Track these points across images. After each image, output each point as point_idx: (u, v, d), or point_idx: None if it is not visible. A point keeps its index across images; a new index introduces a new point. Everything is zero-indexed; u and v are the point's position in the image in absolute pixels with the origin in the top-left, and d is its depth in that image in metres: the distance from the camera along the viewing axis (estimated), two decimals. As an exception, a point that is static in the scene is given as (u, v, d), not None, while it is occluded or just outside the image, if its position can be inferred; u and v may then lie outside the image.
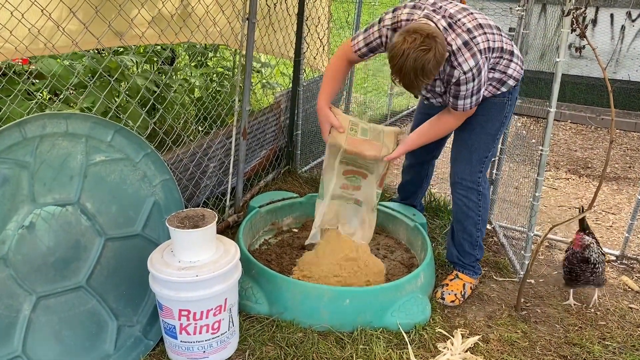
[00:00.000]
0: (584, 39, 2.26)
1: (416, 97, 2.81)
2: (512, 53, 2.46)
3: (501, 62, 2.44)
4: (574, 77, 6.21)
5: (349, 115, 2.73)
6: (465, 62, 2.28)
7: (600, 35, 5.99)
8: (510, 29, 5.41)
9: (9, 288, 1.92)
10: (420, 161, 3.09)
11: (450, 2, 2.42)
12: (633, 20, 5.84)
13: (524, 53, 3.14)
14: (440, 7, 2.36)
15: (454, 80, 2.33)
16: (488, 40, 2.33)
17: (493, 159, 3.36)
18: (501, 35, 2.43)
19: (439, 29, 2.26)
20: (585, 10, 2.36)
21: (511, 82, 2.51)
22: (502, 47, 2.40)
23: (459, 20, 2.31)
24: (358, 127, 2.63)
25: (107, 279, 2.21)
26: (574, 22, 2.28)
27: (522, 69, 2.53)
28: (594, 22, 6.03)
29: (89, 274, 2.15)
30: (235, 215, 3.17)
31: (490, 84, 2.49)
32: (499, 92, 2.53)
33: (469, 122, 2.58)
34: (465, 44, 2.27)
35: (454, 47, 2.27)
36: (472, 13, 2.38)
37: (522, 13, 2.98)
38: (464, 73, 2.29)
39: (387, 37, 2.47)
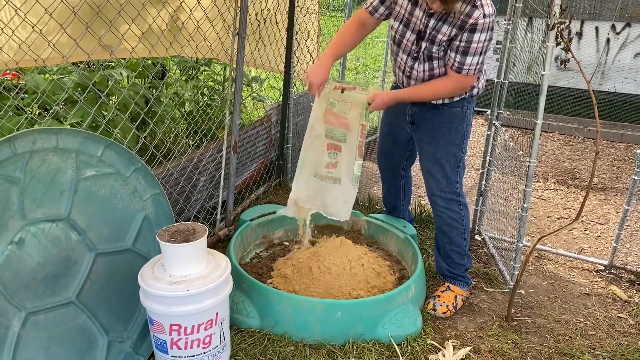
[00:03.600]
0: (569, 52, 2.30)
1: (451, 7, 2.29)
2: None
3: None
4: (562, 89, 6.29)
5: (331, 83, 2.70)
6: (487, 5, 2.27)
7: (586, 47, 6.09)
8: (498, 42, 5.47)
9: (-2, 305, 1.91)
10: (391, 173, 3.08)
11: None
12: (617, 33, 5.95)
13: (510, 65, 3.19)
14: None
15: (470, 22, 2.26)
16: None
17: (482, 171, 3.39)
18: None
19: None
20: (569, 25, 2.41)
21: (474, 92, 2.59)
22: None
23: None
24: (333, 97, 2.67)
25: (98, 294, 2.19)
26: (559, 35, 2.32)
27: (485, 83, 2.63)
28: (580, 35, 6.13)
29: (79, 290, 2.13)
30: (226, 229, 3.17)
31: (458, 95, 2.56)
32: (465, 96, 2.57)
33: (433, 137, 2.63)
34: None
35: None
36: None
37: (509, 27, 3.03)
38: (484, 16, 2.25)
39: None
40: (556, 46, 2.34)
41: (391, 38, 2.60)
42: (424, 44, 2.45)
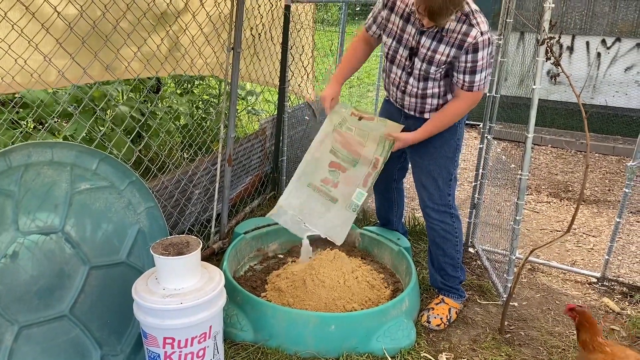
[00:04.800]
0: (559, 67, 2.34)
1: (440, 23, 2.30)
2: None
3: None
4: (554, 103, 6.36)
5: (348, 108, 2.78)
6: (482, 23, 2.31)
7: (577, 62, 6.17)
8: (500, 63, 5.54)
9: (-9, 318, 1.91)
10: (383, 186, 3.09)
11: None
12: (608, 48, 6.03)
13: (502, 80, 3.23)
14: None
15: (470, 41, 2.30)
16: None
17: (475, 184, 3.42)
18: None
19: None
20: (559, 40, 2.45)
21: None
22: None
23: None
24: (350, 123, 2.72)
25: (91, 308, 2.19)
26: (549, 50, 2.36)
27: None
28: (571, 49, 6.21)
29: (73, 303, 2.13)
30: (220, 242, 3.18)
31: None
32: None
33: (425, 150, 2.65)
34: (477, 11, 2.33)
35: (469, 8, 2.31)
36: None
37: (500, 42, 3.08)
38: (482, 34, 2.29)
39: None
40: (546, 61, 2.38)
41: (384, 55, 2.63)
42: (419, 63, 2.46)
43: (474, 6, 2.34)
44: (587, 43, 6.12)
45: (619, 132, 6.10)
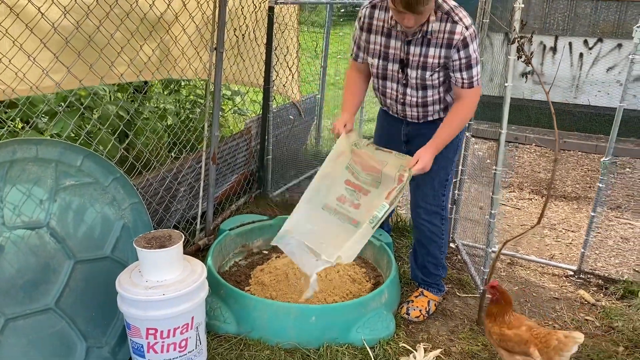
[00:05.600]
0: (530, 65, 2.42)
1: (419, 13, 2.26)
2: None
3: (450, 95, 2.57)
4: (538, 102, 6.46)
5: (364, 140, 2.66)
6: (465, 17, 2.34)
7: (561, 62, 6.28)
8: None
9: (-23, 310, 1.96)
10: None
11: None
12: (590, 48, 6.15)
13: (487, 80, 3.32)
14: None
15: (458, 38, 2.31)
16: None
17: (455, 180, 3.50)
18: None
19: None
20: (530, 39, 2.53)
21: None
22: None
23: None
24: (367, 148, 2.59)
25: (77, 301, 2.25)
26: (520, 49, 2.44)
27: None
28: (554, 50, 6.32)
29: (58, 296, 2.19)
30: (205, 239, 3.24)
31: (447, 108, 2.61)
32: None
33: None
34: (457, 7, 2.35)
35: (449, 6, 2.34)
36: None
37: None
38: (467, 28, 2.31)
39: (364, 16, 2.52)
40: (517, 59, 2.46)
41: (373, 75, 2.62)
42: (412, 72, 2.46)
43: (452, 3, 2.37)
44: (570, 44, 6.24)
45: (602, 131, 6.20)
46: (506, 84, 2.52)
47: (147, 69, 2.66)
